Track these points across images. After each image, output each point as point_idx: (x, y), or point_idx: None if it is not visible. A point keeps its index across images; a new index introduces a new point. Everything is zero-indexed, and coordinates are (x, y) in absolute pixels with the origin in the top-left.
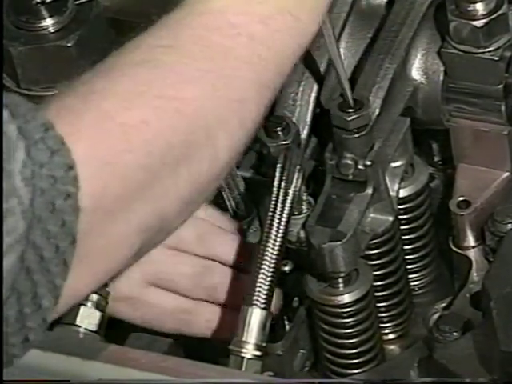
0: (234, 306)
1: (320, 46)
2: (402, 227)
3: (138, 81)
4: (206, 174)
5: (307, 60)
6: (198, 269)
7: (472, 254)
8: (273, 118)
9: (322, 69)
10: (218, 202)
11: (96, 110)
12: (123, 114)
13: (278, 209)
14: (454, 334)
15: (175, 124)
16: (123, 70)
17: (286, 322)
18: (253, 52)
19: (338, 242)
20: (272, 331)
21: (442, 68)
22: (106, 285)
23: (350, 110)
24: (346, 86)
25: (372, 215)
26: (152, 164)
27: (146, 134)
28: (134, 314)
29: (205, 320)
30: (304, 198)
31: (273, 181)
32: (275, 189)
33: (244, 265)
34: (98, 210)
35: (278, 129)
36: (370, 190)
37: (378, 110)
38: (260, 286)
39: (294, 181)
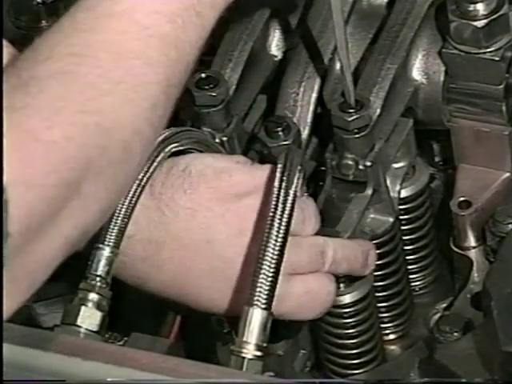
0: None
1: (322, 45)
2: (403, 228)
3: (57, 95)
4: (122, 181)
5: (308, 60)
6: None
7: (473, 254)
8: (273, 118)
9: (323, 69)
10: None
11: (19, 131)
12: (46, 133)
13: (279, 209)
14: (455, 334)
15: (95, 138)
16: (40, 84)
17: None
18: (162, 53)
19: None
20: (273, 331)
21: (442, 68)
22: (107, 285)
23: (351, 111)
24: (350, 86)
25: (372, 216)
26: (74, 180)
27: (68, 151)
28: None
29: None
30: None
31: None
32: (276, 189)
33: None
34: (26, 231)
35: (279, 129)
36: (369, 191)
37: (378, 111)
38: (261, 287)
39: (295, 181)
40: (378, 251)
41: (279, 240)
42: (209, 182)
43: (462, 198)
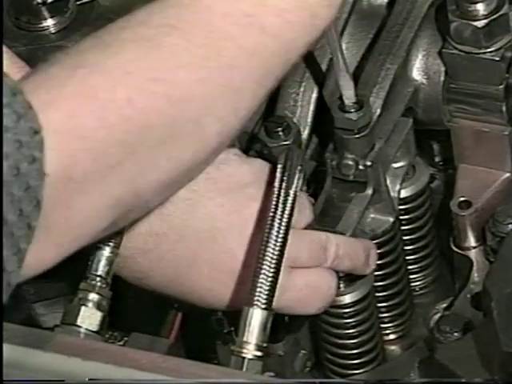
0: None
1: (322, 45)
2: (403, 228)
3: (131, 59)
4: (189, 159)
5: (308, 60)
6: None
7: (473, 254)
8: (274, 118)
9: (323, 69)
10: None
11: (80, 84)
12: (107, 91)
13: (279, 209)
14: (455, 334)
15: (161, 107)
16: (120, 47)
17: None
18: (260, 42)
19: None
20: (273, 331)
21: (442, 68)
22: (107, 285)
23: (351, 110)
24: (349, 86)
25: (372, 215)
26: (129, 142)
27: (126, 112)
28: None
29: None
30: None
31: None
32: (276, 189)
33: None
34: (66, 179)
35: (279, 129)
36: (369, 191)
37: (378, 111)
38: (261, 287)
39: (295, 181)
40: (378, 251)
41: (279, 240)
42: (208, 173)
43: (462, 198)
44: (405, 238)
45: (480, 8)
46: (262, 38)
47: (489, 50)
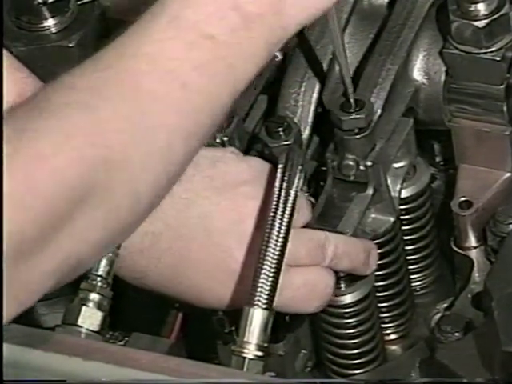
0: None
1: (323, 45)
2: (404, 228)
3: (69, 123)
4: (124, 219)
5: (309, 60)
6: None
7: (474, 254)
8: (274, 118)
9: (324, 69)
10: None
11: (29, 150)
12: (52, 158)
13: (280, 209)
14: (456, 334)
15: (100, 172)
16: (55, 110)
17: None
18: (185, 100)
19: None
20: (273, 331)
21: (443, 68)
22: (108, 285)
23: (352, 111)
24: (349, 85)
25: (373, 215)
26: (70, 208)
27: (70, 180)
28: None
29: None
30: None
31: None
32: (277, 189)
33: None
34: (15, 252)
35: (280, 129)
36: (370, 191)
37: (379, 111)
38: (262, 287)
39: (296, 181)
40: (379, 251)
41: (280, 240)
42: (204, 171)
43: (462, 198)
44: (405, 238)
45: (481, 8)
46: (185, 93)
47: (489, 50)
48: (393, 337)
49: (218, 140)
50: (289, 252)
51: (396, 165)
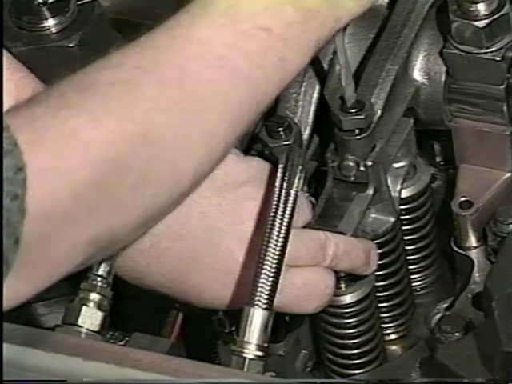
0: None
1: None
2: (404, 228)
3: (111, 100)
4: (164, 200)
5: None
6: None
7: (474, 254)
8: (275, 118)
9: (325, 69)
10: None
11: (63, 126)
12: (88, 132)
13: (280, 209)
14: (456, 334)
15: (139, 148)
16: (99, 89)
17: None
18: (232, 87)
19: None
20: (274, 332)
21: (443, 69)
22: (108, 285)
23: (352, 111)
24: (351, 87)
25: (373, 215)
26: (107, 183)
27: (106, 153)
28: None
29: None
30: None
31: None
32: (277, 189)
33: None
34: (45, 218)
35: (280, 129)
36: (371, 191)
37: (379, 112)
38: (262, 287)
39: (296, 181)
40: (379, 251)
41: (280, 240)
42: None
43: (463, 198)
44: (406, 238)
45: (481, 8)
46: (234, 80)
47: (490, 50)
48: (393, 337)
49: None
50: (289, 252)
51: (396, 165)
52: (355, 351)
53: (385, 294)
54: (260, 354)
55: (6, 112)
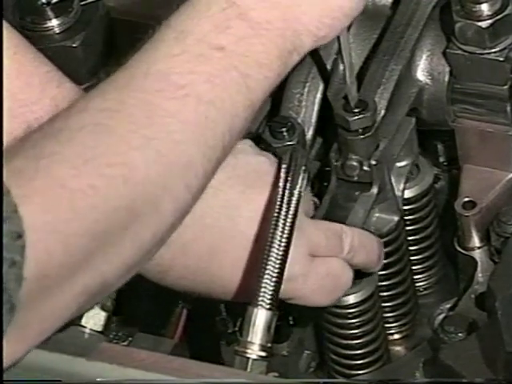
0: None
1: (326, 45)
2: (407, 228)
3: (86, 146)
4: (150, 239)
5: (313, 60)
6: None
7: (477, 254)
8: (278, 119)
9: (328, 70)
10: None
11: (47, 176)
12: (72, 181)
13: (284, 210)
14: (459, 334)
15: (122, 191)
16: (71, 135)
17: (291, 323)
18: (200, 114)
19: None
20: (277, 332)
21: (447, 69)
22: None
23: (355, 111)
24: (354, 88)
25: (377, 215)
26: (98, 231)
27: (93, 201)
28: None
29: None
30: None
31: (278, 181)
32: (280, 189)
33: None
34: (42, 277)
35: (283, 129)
36: (375, 190)
37: (383, 111)
38: (265, 287)
39: (300, 181)
40: (383, 250)
41: (284, 241)
42: (227, 161)
43: (466, 199)
44: (409, 238)
45: (484, 8)
46: (200, 107)
47: (493, 50)
48: (396, 337)
49: None
50: (309, 240)
51: (399, 164)
52: (358, 351)
53: (388, 293)
54: (263, 354)
55: None
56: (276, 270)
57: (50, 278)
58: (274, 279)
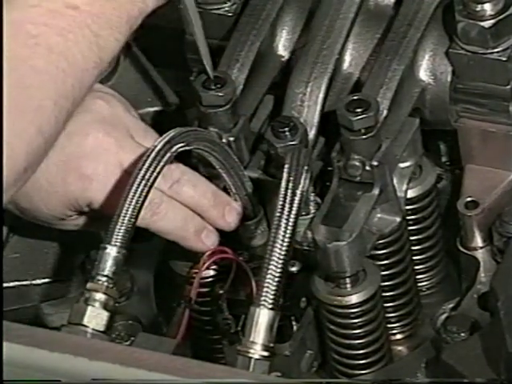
0: None
1: (328, 45)
2: (410, 228)
3: None
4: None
5: (315, 60)
6: None
7: (480, 254)
8: (280, 119)
9: (330, 69)
10: None
11: None
12: None
13: (286, 209)
14: (462, 334)
15: None
16: None
17: (294, 323)
18: (51, 63)
19: (343, 242)
20: (279, 332)
21: (449, 69)
22: (113, 285)
23: (358, 111)
24: (207, 61)
25: (379, 215)
26: None
27: None
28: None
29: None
30: (311, 198)
31: (280, 181)
32: (283, 189)
33: None
34: None
35: (286, 129)
36: (376, 191)
37: (385, 111)
38: (268, 287)
39: (302, 181)
40: (385, 251)
41: (286, 240)
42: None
43: (469, 199)
44: (412, 238)
45: (487, 8)
46: (52, 57)
47: (496, 50)
48: (399, 337)
49: (224, 140)
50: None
51: (402, 165)
52: (361, 351)
53: (391, 293)
54: (266, 354)
55: None
56: (278, 270)
57: None
58: (276, 279)
